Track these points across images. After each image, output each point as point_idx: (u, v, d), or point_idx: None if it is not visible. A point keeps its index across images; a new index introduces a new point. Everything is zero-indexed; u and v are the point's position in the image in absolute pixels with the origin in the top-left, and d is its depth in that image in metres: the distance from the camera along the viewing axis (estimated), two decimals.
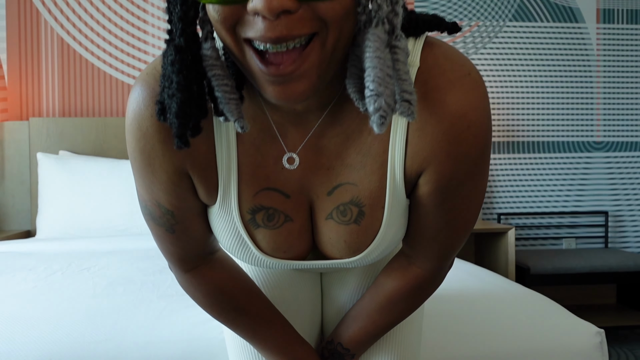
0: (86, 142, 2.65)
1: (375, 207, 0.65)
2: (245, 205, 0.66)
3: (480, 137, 0.59)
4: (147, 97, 0.59)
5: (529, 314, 1.18)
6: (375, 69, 0.48)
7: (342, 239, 0.68)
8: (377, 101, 0.48)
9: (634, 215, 3.07)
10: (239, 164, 0.63)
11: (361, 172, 0.63)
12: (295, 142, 0.63)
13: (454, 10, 2.96)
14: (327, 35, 0.48)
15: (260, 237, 0.68)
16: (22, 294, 1.32)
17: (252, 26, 0.47)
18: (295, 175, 0.65)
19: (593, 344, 1.10)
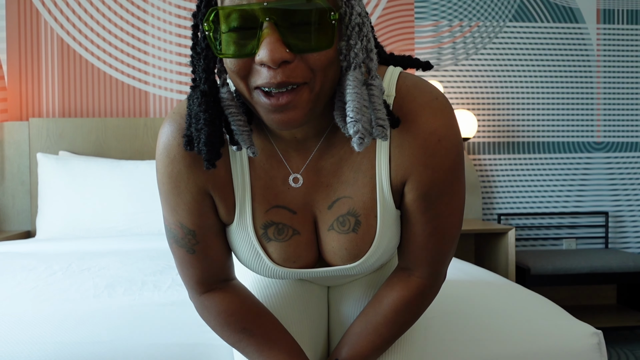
0: (86, 142, 2.65)
1: (369, 216, 0.76)
2: (258, 221, 0.77)
3: (451, 149, 0.71)
4: (174, 131, 0.73)
5: (526, 315, 1.17)
6: (354, 101, 0.63)
7: (343, 247, 0.78)
8: (355, 125, 0.62)
9: (634, 215, 3.07)
10: (251, 185, 0.76)
11: (354, 186, 0.75)
12: (298, 164, 0.75)
13: (454, 10, 2.96)
14: (315, 81, 0.62)
15: (272, 250, 0.79)
16: (23, 295, 1.31)
17: (260, 75, 0.61)
18: (299, 194, 0.77)
19: (591, 345, 1.09)
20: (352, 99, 0.63)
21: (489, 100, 2.98)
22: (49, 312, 1.16)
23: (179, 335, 1.05)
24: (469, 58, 2.97)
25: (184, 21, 2.83)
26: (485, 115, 2.98)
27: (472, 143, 2.98)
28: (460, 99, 2.97)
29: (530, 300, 1.29)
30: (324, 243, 0.80)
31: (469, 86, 2.97)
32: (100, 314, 1.14)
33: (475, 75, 2.98)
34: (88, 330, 1.06)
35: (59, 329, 1.06)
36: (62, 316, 1.13)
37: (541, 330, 1.11)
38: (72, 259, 1.75)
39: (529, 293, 1.36)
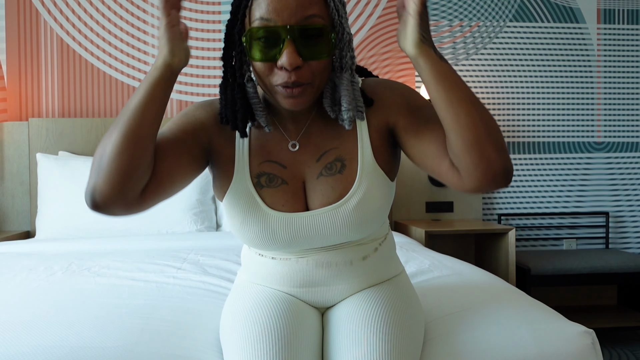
0: (86, 142, 2.65)
1: (353, 160, 0.96)
2: (253, 171, 0.97)
3: (402, 86, 1.00)
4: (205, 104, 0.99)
5: (519, 319, 1.14)
6: (347, 96, 0.91)
7: (330, 187, 0.96)
8: (348, 113, 0.91)
9: (634, 215, 3.06)
10: (250, 144, 0.98)
11: (339, 139, 0.97)
12: (293, 132, 0.98)
13: (454, 10, 2.95)
14: (315, 81, 0.88)
15: (264, 196, 0.96)
16: (23, 295, 1.31)
17: (279, 75, 0.86)
18: (291, 154, 0.97)
19: (585, 345, 1.07)
20: (345, 94, 0.91)
21: (489, 100, 2.98)
22: (50, 314, 1.15)
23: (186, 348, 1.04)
24: (469, 58, 2.97)
25: (184, 21, 2.82)
26: None
27: None
28: None
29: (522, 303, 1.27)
30: (312, 191, 0.97)
31: (469, 86, 2.97)
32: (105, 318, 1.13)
33: (475, 75, 2.97)
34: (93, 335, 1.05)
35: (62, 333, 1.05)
36: (66, 319, 1.12)
37: (534, 333, 1.09)
38: (71, 259, 1.75)
39: (522, 295, 1.34)
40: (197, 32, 2.83)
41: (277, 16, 0.83)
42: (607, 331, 2.59)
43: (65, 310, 1.18)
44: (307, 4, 0.83)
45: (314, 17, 0.84)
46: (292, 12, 0.82)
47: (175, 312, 1.17)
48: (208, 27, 2.83)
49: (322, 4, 0.86)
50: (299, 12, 0.83)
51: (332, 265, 0.99)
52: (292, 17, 0.82)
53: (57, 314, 1.15)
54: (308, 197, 0.97)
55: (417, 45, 0.83)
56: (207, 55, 2.83)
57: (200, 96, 2.83)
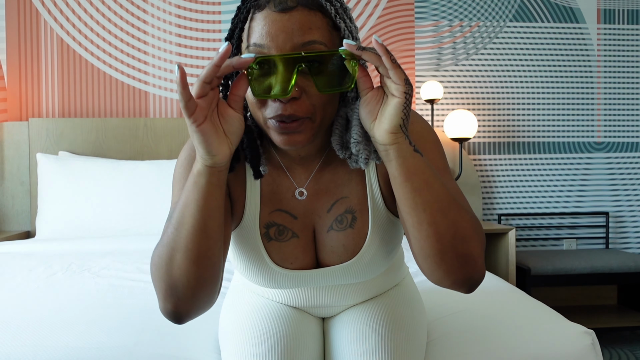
0: (86, 142, 2.65)
1: (363, 211, 0.86)
2: (262, 221, 0.87)
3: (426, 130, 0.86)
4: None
5: (519, 319, 1.15)
6: (356, 127, 0.78)
7: (341, 244, 0.87)
8: (357, 146, 0.78)
9: (634, 215, 3.06)
10: (261, 190, 0.87)
11: (349, 186, 0.87)
12: (302, 178, 0.88)
13: (454, 10, 2.95)
14: (316, 116, 0.77)
15: (272, 249, 0.87)
16: (24, 295, 1.31)
17: (272, 108, 0.75)
18: (302, 202, 0.87)
19: (585, 345, 1.08)
20: (356, 124, 0.78)
21: (489, 100, 2.98)
22: (50, 314, 1.15)
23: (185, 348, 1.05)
24: (469, 58, 2.97)
25: (184, 21, 2.82)
26: (485, 115, 2.98)
27: (472, 143, 2.98)
28: (460, 99, 2.97)
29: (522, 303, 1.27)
30: (322, 245, 0.88)
31: (469, 86, 2.97)
32: (105, 318, 1.13)
33: (475, 75, 2.97)
34: (94, 335, 1.05)
35: (62, 333, 1.06)
36: (66, 319, 1.12)
37: (534, 334, 1.09)
38: (72, 259, 1.75)
39: (521, 295, 1.35)
40: (197, 32, 2.83)
41: (271, 42, 0.73)
42: (607, 331, 2.59)
43: (65, 310, 1.18)
44: (306, 28, 0.74)
45: (313, 44, 0.74)
46: (287, 37, 0.73)
47: None
48: (208, 27, 2.83)
49: (325, 29, 0.76)
50: (297, 37, 0.73)
51: (337, 290, 0.95)
52: (288, 43, 0.73)
53: (57, 314, 1.15)
54: (318, 250, 0.89)
55: (393, 132, 0.72)
56: (207, 56, 2.83)
57: None
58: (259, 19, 0.75)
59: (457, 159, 2.88)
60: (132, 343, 1.02)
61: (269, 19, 0.74)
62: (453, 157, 2.88)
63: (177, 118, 2.75)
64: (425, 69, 2.95)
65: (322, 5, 0.76)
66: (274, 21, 0.73)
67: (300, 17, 0.73)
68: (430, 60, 2.95)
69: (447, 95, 2.95)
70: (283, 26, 0.73)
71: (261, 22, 0.74)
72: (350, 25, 0.79)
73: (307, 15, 0.74)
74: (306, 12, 0.74)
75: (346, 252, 0.86)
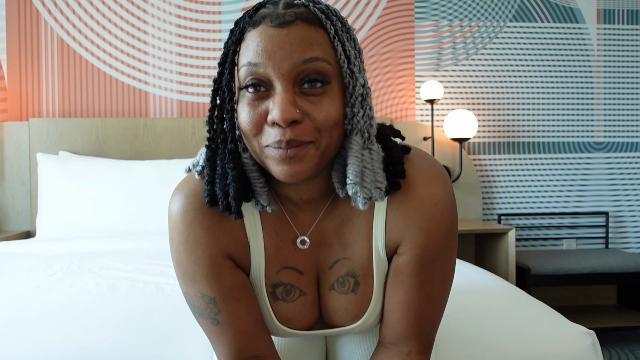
0: (86, 142, 2.65)
1: (367, 276, 0.79)
2: (268, 280, 0.80)
3: (447, 214, 0.74)
4: (189, 196, 0.75)
5: (520, 319, 1.15)
6: (354, 165, 0.69)
7: (343, 307, 0.81)
8: (354, 187, 0.68)
9: (634, 215, 3.06)
10: (265, 247, 0.78)
11: (354, 247, 0.78)
12: (304, 225, 0.79)
13: (454, 10, 2.95)
14: (321, 140, 0.67)
15: (278, 309, 0.81)
16: (24, 295, 1.31)
17: (270, 134, 0.66)
18: (306, 254, 0.80)
19: (585, 346, 1.08)
20: (352, 162, 0.69)
21: (489, 100, 2.98)
22: (50, 314, 1.15)
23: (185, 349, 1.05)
24: (469, 58, 2.97)
25: (184, 21, 2.83)
26: (485, 115, 2.98)
27: (472, 143, 2.98)
28: (460, 99, 2.97)
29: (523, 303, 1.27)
30: (325, 302, 0.82)
31: (469, 86, 2.97)
32: (104, 318, 1.14)
33: (475, 75, 2.97)
34: (93, 335, 1.05)
35: (62, 333, 1.06)
36: (66, 319, 1.12)
37: (534, 334, 1.09)
38: (72, 259, 1.75)
39: (521, 295, 1.35)
40: (197, 32, 2.83)
41: (267, 59, 0.65)
42: (607, 331, 2.59)
43: (65, 310, 1.18)
44: (307, 44, 0.66)
45: (315, 61, 0.66)
46: (286, 54, 0.65)
47: (174, 312, 1.17)
48: (208, 27, 2.83)
49: (328, 45, 0.68)
50: (296, 53, 0.65)
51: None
52: (286, 60, 0.65)
53: (56, 314, 1.15)
54: (322, 306, 0.84)
55: None
56: (207, 56, 2.83)
57: (201, 96, 2.83)
58: (253, 36, 0.67)
59: (457, 159, 2.88)
60: (132, 343, 1.02)
61: (265, 35, 0.66)
62: (453, 157, 2.89)
63: (177, 118, 2.75)
64: (425, 69, 2.95)
65: (323, 23, 0.68)
66: (270, 37, 0.66)
67: (300, 32, 0.66)
68: (430, 60, 2.95)
69: (447, 95, 2.95)
70: (281, 42, 0.65)
71: (256, 39, 0.66)
72: (349, 50, 0.70)
73: (308, 30, 0.67)
74: (306, 27, 0.67)
75: (348, 315, 0.82)
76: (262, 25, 0.67)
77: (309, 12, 0.68)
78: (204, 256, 0.75)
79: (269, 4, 0.69)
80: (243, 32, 0.68)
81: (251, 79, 0.66)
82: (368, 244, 0.77)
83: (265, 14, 0.67)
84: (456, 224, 0.77)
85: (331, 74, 0.67)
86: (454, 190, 0.79)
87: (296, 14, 0.66)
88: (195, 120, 2.74)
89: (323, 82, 0.67)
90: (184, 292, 0.78)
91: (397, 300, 0.78)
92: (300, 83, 0.66)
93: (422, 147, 2.85)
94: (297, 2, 0.69)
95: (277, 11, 0.67)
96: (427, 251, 0.74)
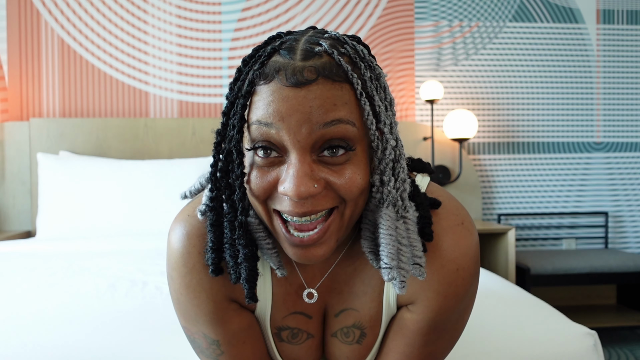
0: (86, 142, 2.65)
1: (374, 328, 0.73)
2: (274, 323, 0.74)
3: (468, 280, 0.68)
4: (192, 235, 0.68)
5: (521, 319, 1.15)
6: (388, 245, 0.59)
7: (345, 355, 0.76)
8: (390, 273, 0.59)
9: (634, 215, 3.07)
10: (273, 292, 0.72)
11: (362, 299, 0.72)
12: (314, 276, 0.72)
13: (454, 10, 2.96)
14: (345, 208, 0.59)
15: (283, 350, 0.76)
16: (24, 295, 1.31)
17: (281, 202, 0.58)
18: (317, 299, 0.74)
19: (587, 346, 1.08)
20: (387, 242, 0.60)
21: (489, 100, 2.98)
22: (50, 314, 1.15)
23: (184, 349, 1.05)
24: (469, 58, 2.97)
25: (184, 21, 2.83)
26: (485, 115, 2.98)
27: (472, 143, 2.98)
28: (460, 99, 2.97)
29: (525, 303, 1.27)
30: (327, 346, 0.78)
31: (469, 86, 2.97)
32: (104, 318, 1.14)
33: (475, 75, 2.98)
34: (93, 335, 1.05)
35: (62, 333, 1.06)
36: (66, 319, 1.13)
37: (536, 334, 1.10)
38: (72, 259, 1.75)
39: (523, 294, 1.35)
40: (197, 32, 2.84)
41: (280, 122, 0.55)
42: (607, 331, 2.59)
43: (64, 309, 1.18)
44: (329, 105, 0.55)
45: (338, 124, 0.56)
46: (304, 118, 0.55)
47: (174, 312, 1.17)
48: (208, 27, 2.83)
49: (353, 104, 0.57)
50: (316, 117, 0.55)
51: None
52: (304, 125, 0.55)
53: (56, 314, 1.15)
54: (324, 348, 0.79)
55: None
56: (207, 56, 2.83)
57: (201, 96, 2.83)
58: (265, 92, 0.57)
59: (457, 158, 2.88)
60: (132, 343, 1.03)
61: (279, 94, 0.55)
62: (453, 156, 2.89)
63: (177, 118, 2.75)
64: (425, 69, 2.95)
65: (349, 76, 0.57)
66: (285, 98, 0.55)
67: (321, 93, 0.55)
68: (430, 60, 2.95)
69: (447, 95, 2.95)
70: (298, 105, 0.55)
71: (268, 97, 0.56)
72: (379, 107, 0.59)
73: (331, 90, 0.56)
74: (329, 84, 0.56)
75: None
76: (275, 81, 0.56)
77: (333, 65, 0.56)
78: (207, 302, 0.69)
79: (284, 49, 0.58)
80: (253, 84, 0.58)
81: (262, 141, 0.57)
82: (379, 297, 0.71)
83: (280, 67, 0.56)
84: (477, 287, 0.71)
85: (356, 138, 0.57)
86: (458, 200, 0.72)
87: (317, 70, 0.56)
88: (195, 120, 2.74)
89: (346, 148, 0.57)
90: (183, 327, 0.73)
91: (396, 351, 0.73)
92: (319, 150, 0.57)
93: (422, 147, 2.86)
94: (319, 49, 0.57)
95: (294, 64, 0.56)
96: (440, 315, 0.68)
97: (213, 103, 2.84)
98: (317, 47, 0.58)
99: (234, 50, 2.84)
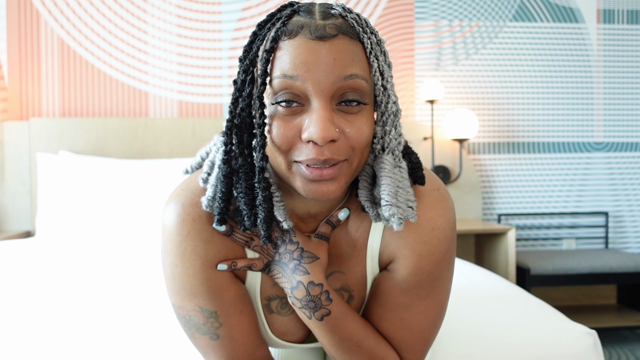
0: (86, 142, 2.65)
1: (361, 291, 0.77)
2: (264, 293, 0.77)
3: (443, 242, 0.73)
4: (186, 204, 0.71)
5: (521, 318, 1.16)
6: (389, 186, 0.67)
7: None
8: (390, 209, 0.65)
9: (634, 215, 3.07)
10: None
11: (349, 262, 0.76)
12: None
13: (454, 10, 2.95)
14: (354, 158, 0.65)
15: (273, 322, 0.79)
16: (23, 295, 1.31)
17: (303, 151, 0.63)
18: None
19: (587, 346, 1.08)
20: (387, 182, 0.67)
21: (489, 100, 2.98)
22: (50, 314, 1.15)
23: (184, 349, 1.05)
24: (469, 58, 2.97)
25: (184, 21, 2.83)
26: (485, 115, 2.98)
27: (472, 143, 2.98)
28: (460, 99, 2.97)
29: (525, 303, 1.28)
30: None
31: (469, 86, 2.97)
32: (104, 318, 1.14)
33: (475, 75, 2.97)
34: (93, 335, 1.05)
35: (62, 332, 1.06)
36: (65, 319, 1.13)
37: (536, 333, 1.10)
38: (72, 258, 1.75)
39: (523, 294, 1.35)
40: (197, 32, 2.83)
41: (307, 73, 0.61)
42: (607, 331, 2.59)
43: (64, 309, 1.18)
44: (349, 60, 0.63)
45: (355, 78, 0.63)
46: (328, 69, 0.61)
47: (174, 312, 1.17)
48: (208, 27, 2.83)
49: (364, 61, 0.65)
50: (338, 69, 0.62)
51: None
52: (329, 76, 0.61)
53: (56, 314, 1.15)
54: None
55: None
56: (207, 56, 2.83)
57: (201, 96, 2.83)
58: (289, 47, 0.62)
59: (457, 158, 2.88)
60: (131, 343, 1.03)
61: (305, 47, 0.62)
62: (453, 156, 2.89)
63: (177, 118, 2.75)
64: (425, 68, 2.95)
65: (361, 36, 0.65)
66: (311, 50, 0.61)
67: (342, 47, 0.62)
68: (430, 60, 2.95)
69: (447, 95, 2.95)
70: (323, 56, 0.61)
71: (293, 50, 0.62)
72: (382, 66, 0.67)
73: (349, 45, 0.63)
74: (347, 41, 0.63)
75: None
76: (299, 36, 0.62)
77: (348, 25, 0.64)
78: (203, 269, 0.71)
79: (303, 11, 0.65)
80: (277, 40, 0.63)
81: (285, 92, 0.62)
82: (363, 260, 0.76)
83: (303, 24, 0.63)
84: (453, 253, 0.75)
85: (367, 92, 0.65)
86: (453, 200, 0.77)
87: (337, 27, 0.63)
88: (195, 120, 2.74)
89: (360, 102, 0.64)
90: (177, 307, 0.75)
91: (371, 312, 0.77)
92: (337, 101, 0.63)
93: (422, 147, 2.86)
94: (334, 11, 0.65)
95: (316, 22, 0.63)
96: (414, 276, 0.72)
97: (213, 103, 2.84)
98: (332, 10, 0.66)
99: (234, 50, 2.84)
